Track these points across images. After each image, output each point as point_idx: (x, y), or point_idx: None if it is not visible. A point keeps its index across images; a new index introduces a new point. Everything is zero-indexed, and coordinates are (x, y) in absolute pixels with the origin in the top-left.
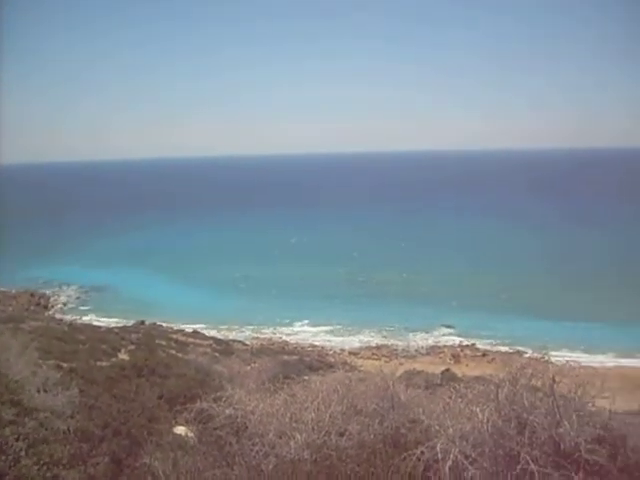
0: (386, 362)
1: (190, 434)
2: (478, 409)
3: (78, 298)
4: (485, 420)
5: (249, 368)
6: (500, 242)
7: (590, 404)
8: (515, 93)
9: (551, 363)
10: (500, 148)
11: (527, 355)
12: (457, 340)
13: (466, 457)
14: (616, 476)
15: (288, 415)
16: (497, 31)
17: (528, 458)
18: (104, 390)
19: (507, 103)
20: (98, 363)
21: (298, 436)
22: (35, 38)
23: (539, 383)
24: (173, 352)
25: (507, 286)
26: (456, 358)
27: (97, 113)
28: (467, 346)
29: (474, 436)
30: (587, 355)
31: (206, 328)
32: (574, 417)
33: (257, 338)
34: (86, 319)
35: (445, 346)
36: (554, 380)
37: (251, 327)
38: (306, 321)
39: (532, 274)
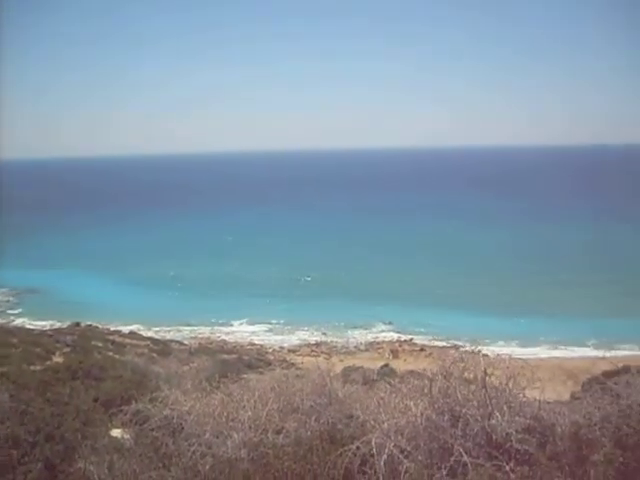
0: (325, 359)
1: (126, 436)
2: (412, 403)
3: (8, 301)
4: (419, 414)
5: (187, 368)
6: (442, 239)
7: (521, 395)
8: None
9: (485, 356)
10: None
11: (464, 349)
12: (396, 336)
13: (401, 451)
14: (545, 464)
15: (225, 414)
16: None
17: (461, 450)
18: (37, 394)
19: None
20: (31, 367)
21: (235, 435)
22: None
23: (472, 376)
24: (110, 354)
25: (444, 282)
26: (395, 353)
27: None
28: (405, 341)
29: (409, 430)
30: (522, 348)
31: (143, 328)
32: (505, 408)
33: (195, 337)
34: (18, 322)
35: (384, 342)
36: (486, 373)
37: (189, 326)
38: (245, 320)
39: (471, 270)
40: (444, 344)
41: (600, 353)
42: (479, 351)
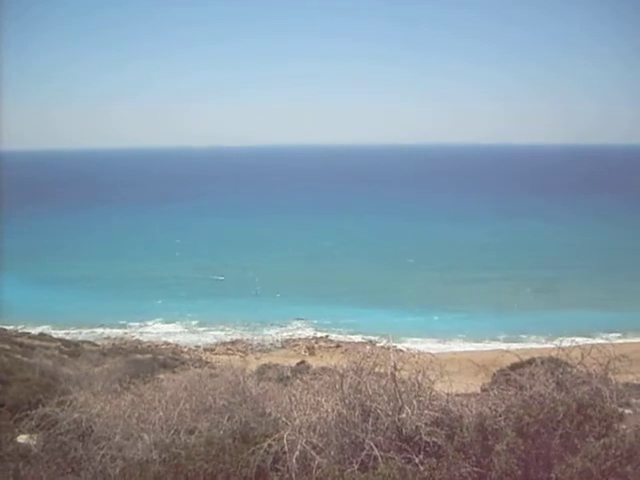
0: (241, 357)
1: (33, 442)
2: (324, 399)
3: None
4: (330, 410)
5: (98, 369)
6: (367, 236)
7: (430, 389)
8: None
9: (398, 351)
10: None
11: (379, 344)
12: (312, 333)
13: (313, 447)
14: (453, 455)
15: (136, 416)
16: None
17: (372, 444)
18: None
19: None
20: None
21: (146, 437)
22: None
23: (382, 371)
24: (18, 356)
25: (363, 279)
26: (311, 350)
27: None
28: (321, 338)
29: (320, 426)
30: (437, 343)
31: (54, 329)
32: (415, 402)
33: (108, 338)
34: None
35: (300, 339)
36: (395, 368)
37: (102, 327)
38: (160, 319)
39: (390, 267)
40: (360, 339)
41: (510, 346)
42: (390, 346)
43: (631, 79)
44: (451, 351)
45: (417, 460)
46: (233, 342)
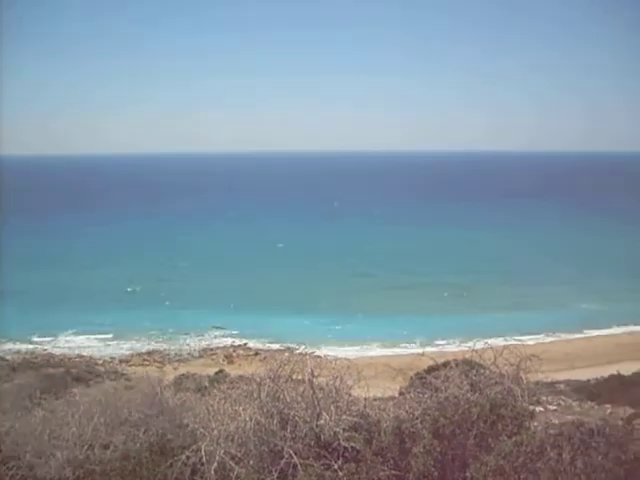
0: (158, 368)
1: None
2: (241, 408)
3: None
4: (248, 419)
5: (8, 386)
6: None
7: (347, 394)
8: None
9: (317, 357)
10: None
11: (297, 352)
12: (230, 341)
13: (232, 457)
14: (371, 459)
15: (47, 433)
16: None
17: (291, 452)
18: None
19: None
20: None
21: (59, 454)
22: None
23: (300, 378)
24: None
25: (283, 286)
26: (229, 359)
27: None
28: (240, 346)
29: (239, 435)
30: (354, 348)
31: None
32: (333, 408)
33: (18, 352)
34: None
35: (218, 347)
36: (313, 374)
37: (11, 341)
38: (72, 331)
39: (308, 274)
40: (278, 347)
41: (426, 350)
42: (308, 353)
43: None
44: (369, 356)
45: (336, 466)
46: (149, 353)
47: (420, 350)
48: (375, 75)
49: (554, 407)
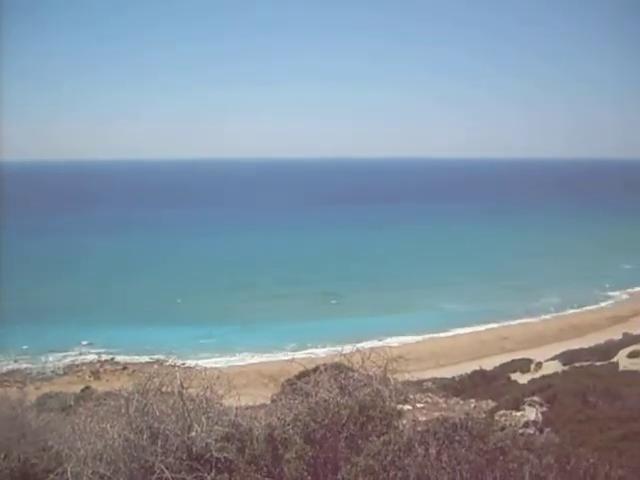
0: (19, 388)
1: None
2: (109, 425)
3: None
4: (117, 436)
5: None
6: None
7: (218, 404)
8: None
9: (188, 368)
10: None
11: (167, 363)
12: (96, 356)
13: (100, 477)
14: (244, 468)
15: None
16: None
17: (162, 467)
18: None
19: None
20: None
21: None
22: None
23: (169, 390)
24: None
25: (151, 298)
26: (96, 374)
27: None
28: (107, 361)
29: (107, 454)
30: (223, 357)
31: None
32: (204, 419)
33: None
34: None
35: (84, 363)
36: (182, 386)
37: None
38: None
39: (186, 285)
40: (148, 360)
41: (299, 355)
42: (177, 364)
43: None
44: (241, 365)
45: (209, 477)
46: (9, 372)
47: (291, 356)
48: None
49: (422, 405)
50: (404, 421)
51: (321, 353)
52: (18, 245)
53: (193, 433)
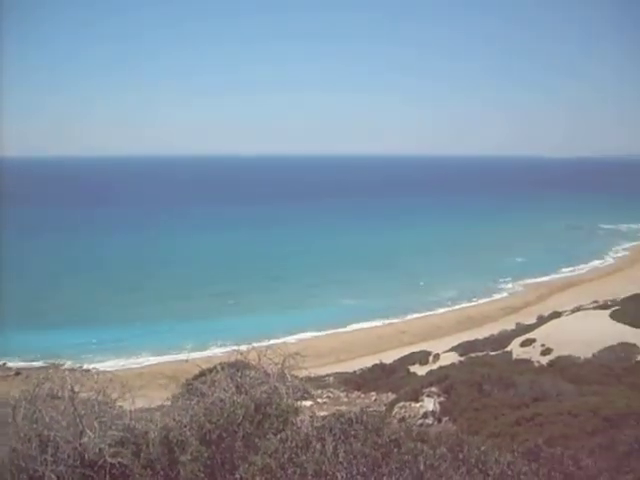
0: None
1: None
2: None
3: None
4: (2, 446)
5: None
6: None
7: (112, 408)
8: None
9: (84, 371)
10: None
11: (62, 367)
12: None
13: None
14: (140, 473)
15: None
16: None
17: (53, 476)
18: None
19: None
20: None
21: None
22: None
23: (61, 395)
24: None
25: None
26: None
27: None
28: None
29: None
30: (123, 359)
31: None
32: (96, 424)
33: None
34: None
35: None
36: (74, 390)
37: None
38: None
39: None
40: (42, 364)
41: (198, 355)
42: (73, 368)
43: None
44: (141, 366)
45: None
46: None
47: (192, 355)
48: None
49: (324, 400)
50: (302, 417)
51: (219, 352)
52: None
53: (85, 439)
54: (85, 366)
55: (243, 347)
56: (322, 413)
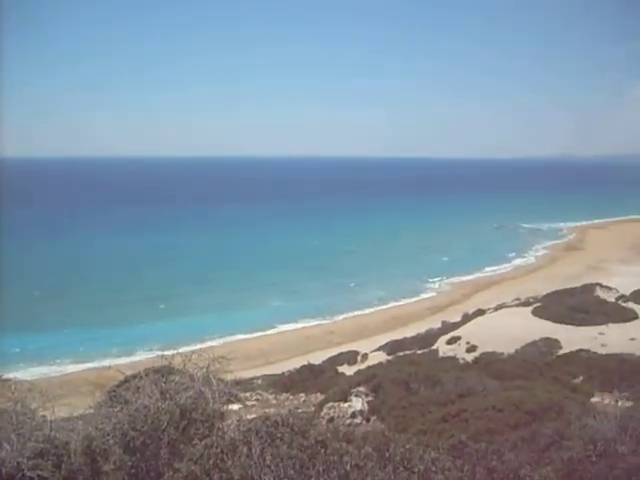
0: None
1: None
2: None
3: None
4: None
5: None
6: None
7: (30, 419)
8: None
9: (6, 382)
10: None
11: None
12: None
13: None
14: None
15: None
16: None
17: None
18: None
19: None
20: None
21: None
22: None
23: None
24: None
25: None
26: None
27: None
28: None
29: None
30: (45, 365)
31: None
32: (14, 437)
33: None
34: None
35: None
36: None
37: None
38: None
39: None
40: None
41: (124, 361)
42: None
43: None
44: (65, 373)
45: None
46: None
47: (117, 362)
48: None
49: (252, 402)
50: (229, 421)
51: (145, 358)
52: None
53: (3, 453)
54: (5, 375)
55: (168, 352)
56: (251, 416)
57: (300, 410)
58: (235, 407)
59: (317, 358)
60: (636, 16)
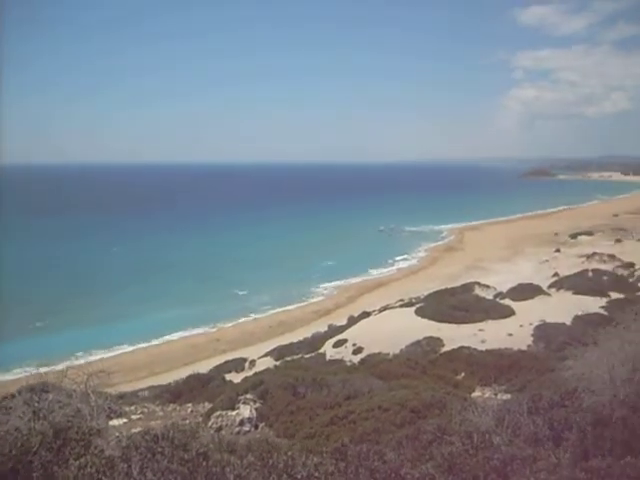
0: None
1: None
2: None
3: None
4: None
5: None
6: None
7: None
8: None
9: None
10: None
11: None
12: None
13: None
14: None
15: None
16: None
17: None
18: None
19: None
20: None
21: None
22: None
23: None
24: None
25: None
26: None
27: None
28: None
29: None
30: None
31: None
32: None
33: None
34: None
35: None
36: None
37: None
38: None
39: None
40: None
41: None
42: None
43: None
44: None
45: None
46: None
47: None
48: None
49: (138, 416)
50: (110, 438)
51: (21, 376)
52: None
53: None
54: None
55: (44, 369)
56: (136, 430)
57: (187, 421)
58: (119, 422)
59: (204, 367)
60: None
